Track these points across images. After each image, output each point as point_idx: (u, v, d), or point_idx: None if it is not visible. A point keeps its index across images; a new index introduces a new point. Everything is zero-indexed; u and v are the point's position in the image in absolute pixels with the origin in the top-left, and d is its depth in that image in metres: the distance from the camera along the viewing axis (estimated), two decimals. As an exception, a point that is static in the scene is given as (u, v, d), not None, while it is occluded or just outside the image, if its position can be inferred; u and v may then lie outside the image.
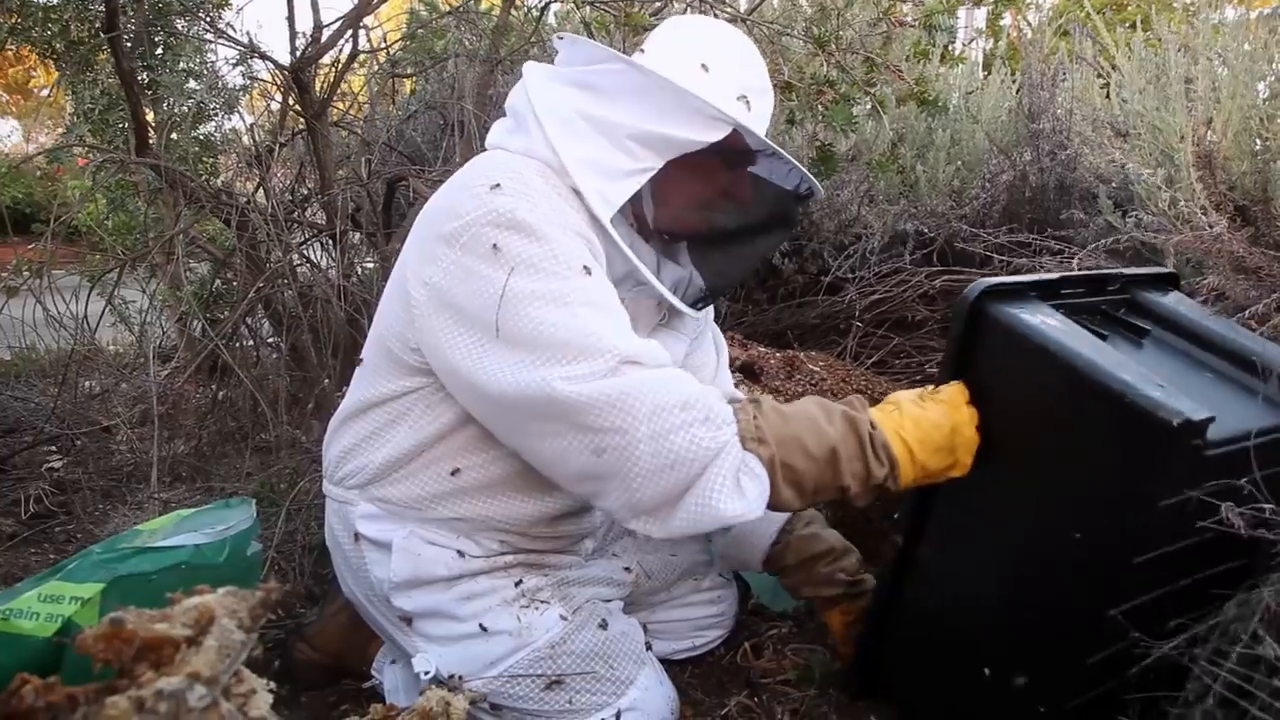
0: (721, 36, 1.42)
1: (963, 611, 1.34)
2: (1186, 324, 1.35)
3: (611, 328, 1.19)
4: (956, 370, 1.28)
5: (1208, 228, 2.04)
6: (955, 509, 1.32)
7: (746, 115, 1.36)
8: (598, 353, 1.15)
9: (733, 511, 1.15)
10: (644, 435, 1.12)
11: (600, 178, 1.29)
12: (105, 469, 2.53)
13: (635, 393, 1.13)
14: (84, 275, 2.84)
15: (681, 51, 1.37)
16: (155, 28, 3.12)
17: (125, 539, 1.55)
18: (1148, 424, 1.05)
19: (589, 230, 1.29)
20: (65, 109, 4.48)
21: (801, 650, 1.69)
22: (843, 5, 2.49)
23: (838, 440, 1.19)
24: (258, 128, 3.10)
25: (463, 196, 1.28)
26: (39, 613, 1.38)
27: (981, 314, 1.23)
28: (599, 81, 1.34)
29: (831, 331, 2.71)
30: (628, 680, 1.39)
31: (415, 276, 1.30)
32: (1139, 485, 1.08)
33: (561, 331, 1.17)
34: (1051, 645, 1.20)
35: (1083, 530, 1.13)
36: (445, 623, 1.40)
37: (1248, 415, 1.19)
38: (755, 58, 1.43)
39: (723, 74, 1.36)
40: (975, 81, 3.20)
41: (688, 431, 1.13)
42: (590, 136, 1.31)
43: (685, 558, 1.70)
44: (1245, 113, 2.20)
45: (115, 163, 3.05)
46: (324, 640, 1.66)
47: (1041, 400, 1.21)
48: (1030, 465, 1.23)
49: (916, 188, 2.85)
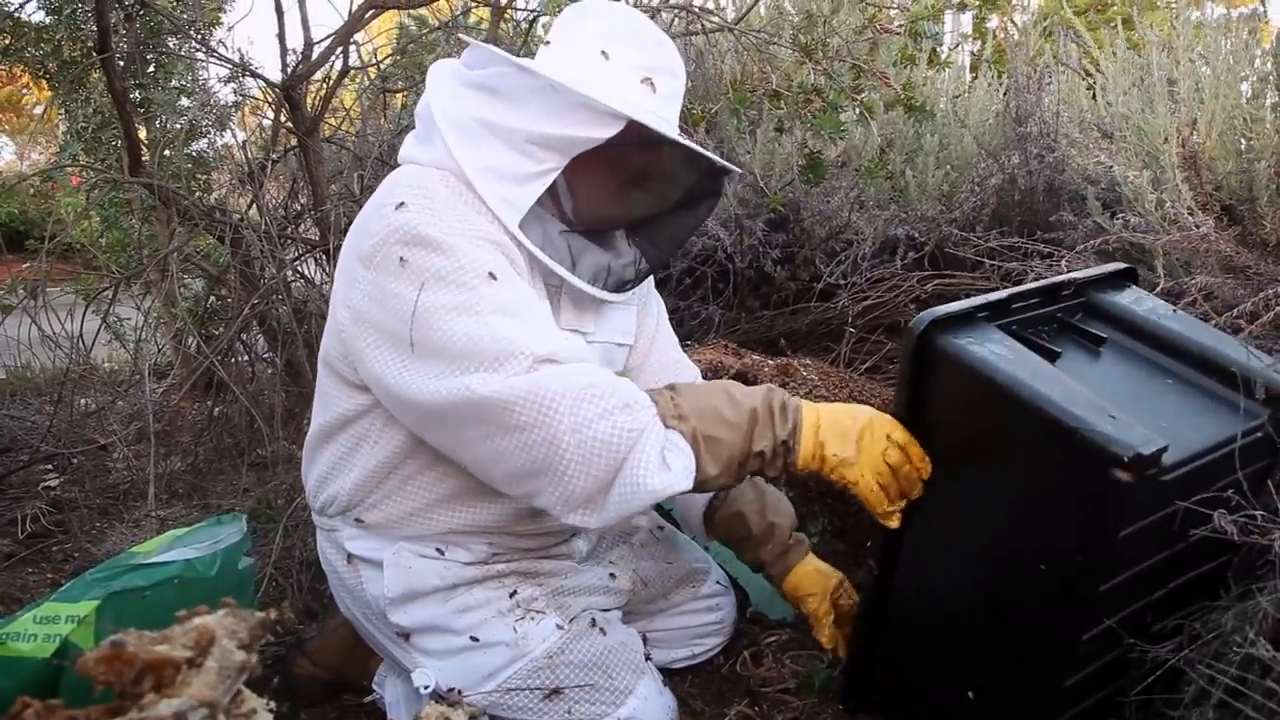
0: (621, 20, 1.41)
1: (942, 634, 1.33)
2: (1144, 326, 1.34)
3: (524, 330, 1.21)
4: (909, 403, 1.25)
5: (1195, 228, 2.05)
6: (926, 535, 1.30)
7: (649, 99, 1.37)
8: (512, 356, 1.18)
9: (660, 484, 1.18)
10: (567, 427, 1.16)
11: (503, 183, 1.31)
12: (102, 487, 2.54)
13: (553, 386, 1.17)
14: (79, 293, 2.85)
15: (582, 40, 1.38)
16: (147, 47, 3.13)
17: (121, 560, 1.56)
18: (1101, 459, 1.04)
19: (501, 235, 1.31)
20: (58, 127, 4.49)
21: (801, 658, 1.70)
22: (829, 13, 2.51)
23: (756, 403, 1.25)
24: (250, 145, 3.10)
25: (374, 217, 1.32)
26: (36, 634, 1.39)
27: (930, 346, 1.20)
28: (498, 84, 1.35)
29: (825, 338, 2.72)
30: (627, 690, 1.39)
31: (340, 299, 1.35)
32: (1098, 517, 1.08)
33: (475, 340, 1.19)
34: (1028, 669, 1.20)
35: (1048, 562, 1.13)
36: (442, 636, 1.41)
37: (1209, 426, 1.19)
38: (658, 37, 1.42)
39: (623, 59, 1.36)
40: (962, 85, 3.22)
41: (609, 419, 1.17)
42: (489, 143, 1.32)
43: (681, 565, 1.71)
44: (1229, 113, 2.22)
45: (109, 181, 3.06)
46: (325, 655, 1.66)
47: (994, 433, 1.19)
48: (990, 496, 1.22)
49: (906, 193, 2.86)
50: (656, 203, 1.48)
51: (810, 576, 1.58)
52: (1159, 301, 1.44)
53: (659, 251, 1.53)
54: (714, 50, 2.90)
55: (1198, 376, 1.28)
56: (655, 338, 1.67)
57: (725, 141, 2.89)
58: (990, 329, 1.24)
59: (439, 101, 1.36)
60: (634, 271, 1.48)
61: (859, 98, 2.39)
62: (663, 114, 1.38)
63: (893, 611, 1.37)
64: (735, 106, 2.45)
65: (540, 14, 2.58)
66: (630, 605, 1.61)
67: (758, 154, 2.82)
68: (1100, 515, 1.08)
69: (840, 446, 1.24)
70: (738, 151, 2.86)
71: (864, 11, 2.54)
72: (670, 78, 1.41)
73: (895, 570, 1.34)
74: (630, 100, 1.33)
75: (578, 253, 1.40)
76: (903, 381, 1.25)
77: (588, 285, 1.40)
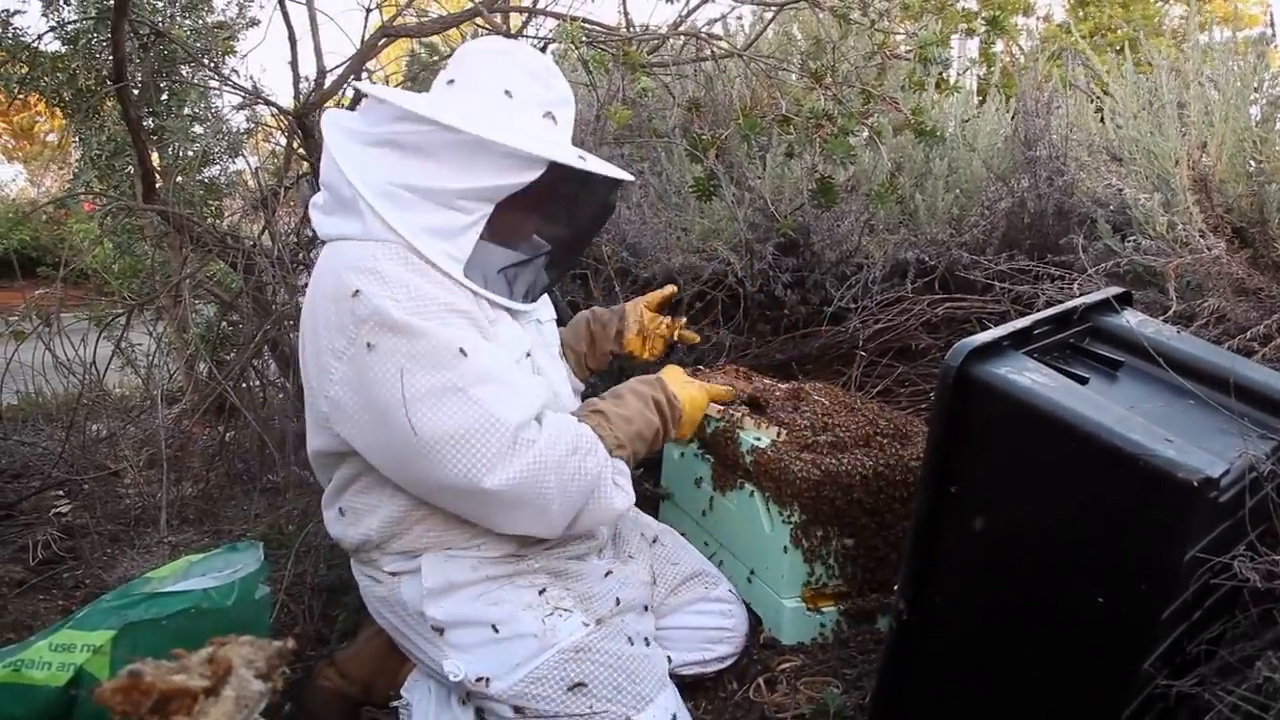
0: (516, 57, 1.49)
1: (979, 671, 1.30)
2: (1154, 348, 1.34)
3: (505, 399, 1.33)
4: (946, 433, 1.23)
5: (1206, 250, 2.05)
6: (962, 569, 1.28)
7: (553, 132, 1.48)
8: (495, 432, 1.31)
9: (622, 504, 1.46)
10: (555, 491, 1.36)
11: (443, 241, 1.37)
12: (113, 513, 2.54)
13: (541, 466, 1.34)
14: (92, 319, 2.87)
15: (484, 81, 1.45)
16: (161, 75, 3.17)
17: (136, 586, 1.56)
18: (1167, 485, 1.03)
19: (454, 293, 1.37)
20: (71, 154, 4.54)
21: (815, 684, 1.69)
22: (838, 39, 2.52)
23: (656, 418, 1.56)
24: (263, 171, 3.13)
25: (333, 311, 1.35)
26: (50, 662, 1.38)
27: (969, 377, 1.20)
28: (411, 141, 1.37)
29: (836, 361, 2.72)
30: (648, 697, 1.42)
31: (317, 392, 1.40)
32: (1164, 543, 1.07)
33: (469, 422, 1.30)
34: (1082, 702, 1.17)
35: (1105, 591, 1.11)
36: (473, 630, 1.45)
37: (1238, 445, 1.17)
38: (551, 69, 1.51)
39: (526, 96, 1.46)
40: (971, 110, 3.23)
41: (582, 469, 1.39)
42: (420, 205, 1.36)
43: (686, 566, 1.77)
44: (1238, 135, 2.21)
45: (123, 208, 3.09)
46: (356, 665, 1.69)
47: (1043, 463, 1.18)
48: (1037, 527, 1.20)
49: (916, 217, 2.86)
50: (570, 221, 1.60)
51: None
52: (1161, 324, 1.44)
53: (569, 256, 1.71)
54: (724, 76, 2.92)
55: (1214, 395, 1.27)
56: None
57: (735, 166, 2.91)
58: (1020, 357, 1.23)
59: (353, 170, 1.38)
60: (549, 276, 1.61)
61: (868, 122, 2.40)
62: (564, 143, 1.49)
63: (924, 648, 1.34)
64: (745, 132, 2.47)
65: (551, 41, 2.60)
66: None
67: (768, 178, 2.83)
68: (1166, 540, 1.06)
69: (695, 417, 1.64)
70: (748, 176, 2.87)
71: (872, 37, 2.56)
72: (567, 108, 1.52)
73: (927, 606, 1.32)
74: (545, 140, 1.43)
75: (513, 279, 1.50)
76: (941, 413, 1.23)
77: (525, 304, 1.53)
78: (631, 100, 2.70)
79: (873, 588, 1.84)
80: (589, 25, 2.48)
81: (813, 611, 1.81)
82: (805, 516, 1.77)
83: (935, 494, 1.25)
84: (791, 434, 1.89)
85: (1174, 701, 1.17)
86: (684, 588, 1.74)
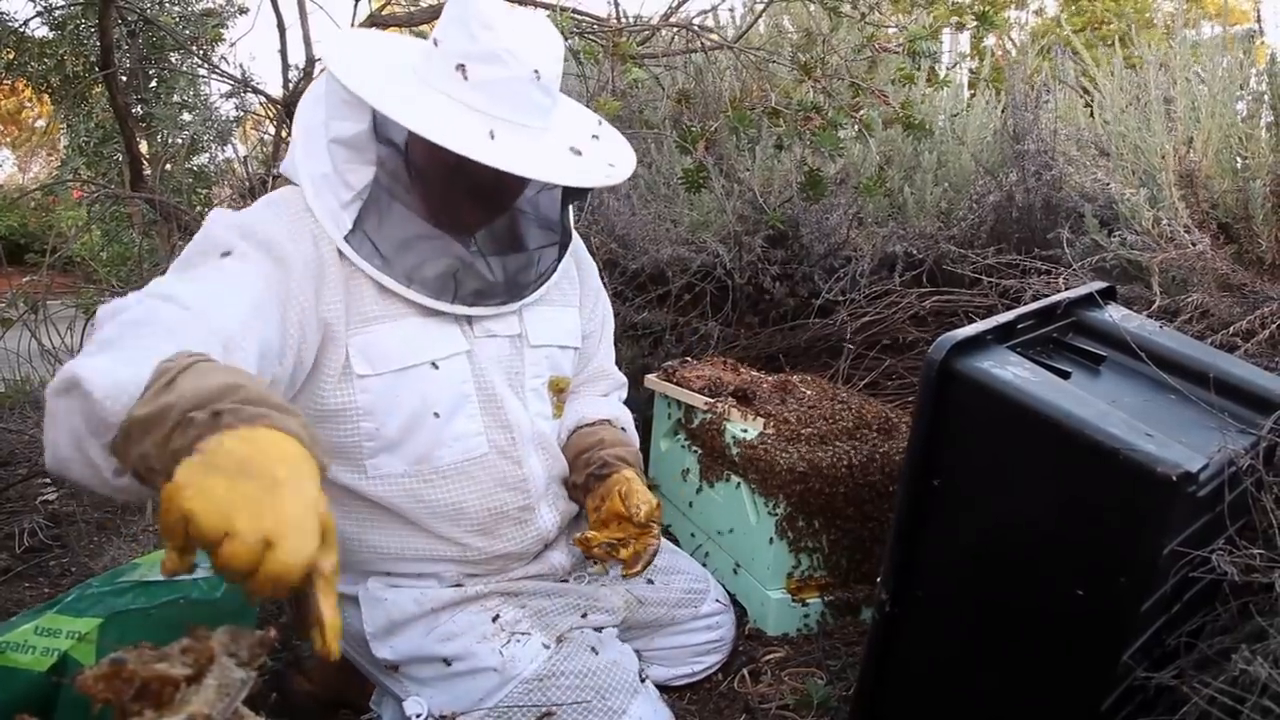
0: (471, 4, 1.29)
1: (960, 663, 1.32)
2: (1136, 342, 1.35)
3: (174, 311, 1.04)
4: (930, 427, 1.23)
5: (1191, 245, 2.07)
6: (944, 562, 1.29)
7: (455, 88, 1.28)
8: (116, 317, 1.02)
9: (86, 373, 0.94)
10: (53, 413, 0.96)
11: (327, 190, 1.30)
12: (100, 501, 2.52)
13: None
14: (79, 307, 2.85)
15: (442, 31, 1.32)
16: (149, 62, 3.15)
17: (124, 572, 1.55)
18: (1147, 479, 1.04)
19: (295, 238, 1.26)
20: (59, 141, 4.51)
21: (799, 675, 1.70)
22: (828, 31, 2.53)
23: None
24: (251, 159, 3.12)
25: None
26: (35, 646, 1.37)
27: (951, 371, 1.20)
28: (332, 89, 1.33)
29: (823, 354, 2.73)
30: (619, 710, 1.37)
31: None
32: (1143, 536, 1.08)
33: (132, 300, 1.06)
34: (1062, 694, 1.18)
35: (1085, 584, 1.12)
36: (430, 665, 1.41)
37: (1217, 439, 1.19)
38: (496, 20, 1.28)
39: (448, 45, 1.30)
40: (960, 104, 3.23)
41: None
42: (320, 153, 1.31)
43: (678, 584, 1.69)
44: (1225, 131, 2.23)
45: (110, 196, 3.07)
46: (323, 675, 1.65)
47: (1024, 457, 1.19)
48: (1018, 521, 1.21)
49: (904, 210, 2.87)
50: (476, 205, 1.40)
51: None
52: (1144, 319, 1.45)
53: (505, 253, 1.46)
54: (714, 68, 2.92)
55: (1195, 390, 1.29)
56: (600, 343, 1.71)
57: (725, 158, 2.91)
58: (1004, 351, 1.24)
59: (301, 118, 1.36)
60: (513, 284, 1.45)
61: (858, 115, 2.40)
62: (472, 102, 1.28)
63: (905, 640, 1.35)
64: (735, 124, 2.47)
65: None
66: (629, 622, 1.60)
67: (757, 171, 2.83)
68: (1145, 534, 1.07)
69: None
70: (737, 169, 2.88)
71: (863, 30, 2.56)
72: (492, 64, 1.27)
73: (910, 598, 1.33)
74: (413, 99, 1.26)
75: (420, 263, 1.34)
76: (924, 406, 1.24)
77: (430, 297, 1.35)
78: (622, 92, 2.69)
79: (857, 579, 1.85)
80: (579, 16, 2.47)
81: (797, 603, 1.82)
82: (791, 508, 1.78)
83: (918, 487, 1.25)
84: (778, 426, 1.90)
85: (1153, 694, 1.19)
86: (677, 609, 1.67)
